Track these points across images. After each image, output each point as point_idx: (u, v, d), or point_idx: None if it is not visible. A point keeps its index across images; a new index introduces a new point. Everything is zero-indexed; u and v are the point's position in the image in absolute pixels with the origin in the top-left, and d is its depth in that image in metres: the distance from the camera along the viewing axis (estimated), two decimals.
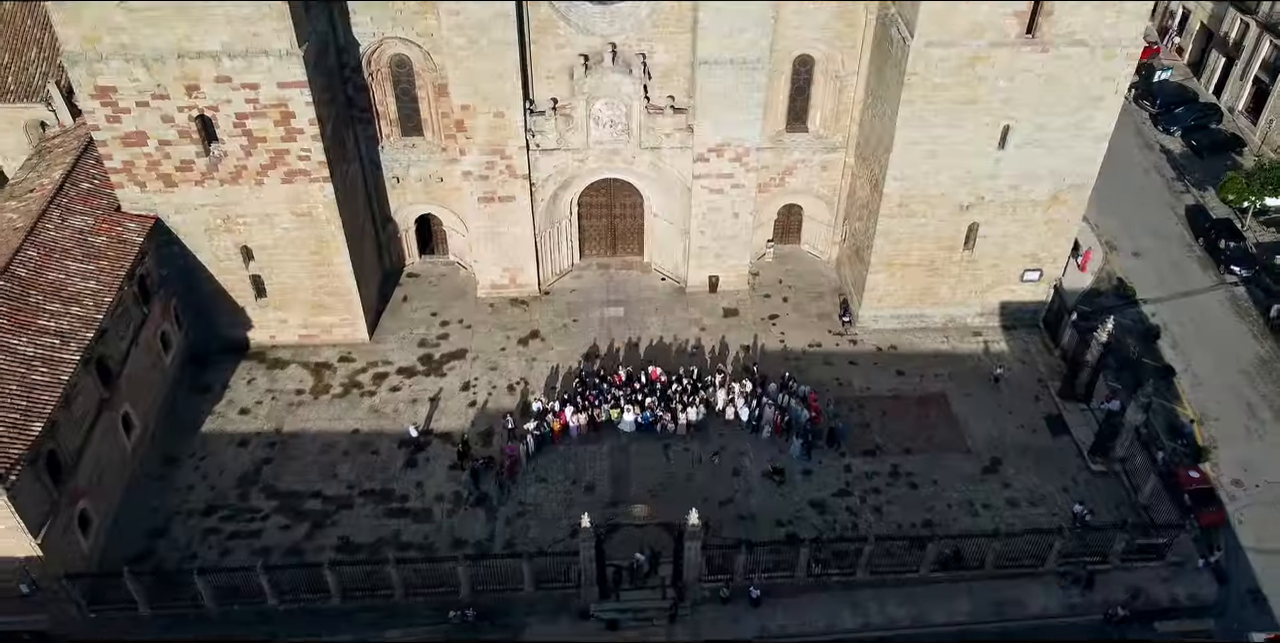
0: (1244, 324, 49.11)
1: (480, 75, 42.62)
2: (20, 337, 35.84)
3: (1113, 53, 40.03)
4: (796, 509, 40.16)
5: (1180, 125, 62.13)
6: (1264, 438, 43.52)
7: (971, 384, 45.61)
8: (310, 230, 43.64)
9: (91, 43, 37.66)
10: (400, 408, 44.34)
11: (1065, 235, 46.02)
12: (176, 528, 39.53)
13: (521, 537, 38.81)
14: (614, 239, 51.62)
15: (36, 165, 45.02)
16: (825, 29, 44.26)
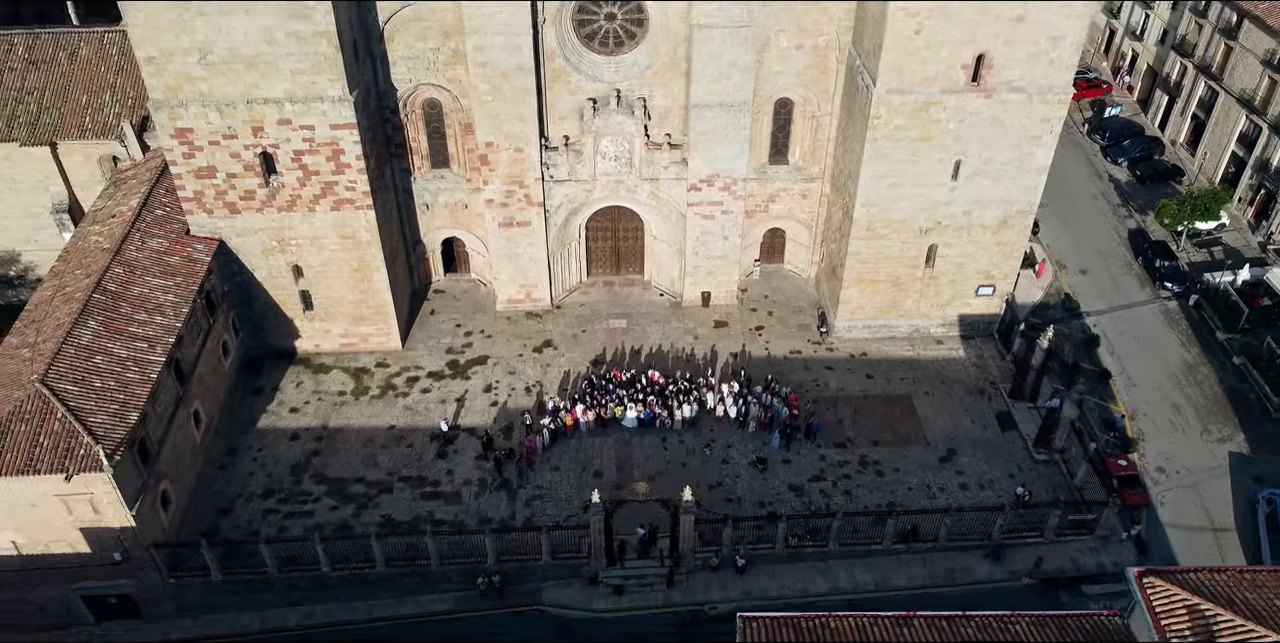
0: (1174, 334, 55.51)
1: (502, 117, 49.21)
2: (115, 341, 42.09)
3: (1047, 98, 46.56)
4: (777, 493, 46.30)
5: (1127, 156, 68.85)
6: (1186, 432, 49.77)
7: (932, 386, 51.86)
8: (353, 251, 50.04)
9: (174, 91, 44.23)
10: (431, 407, 50.54)
11: (1013, 255, 52.45)
12: (239, 509, 45.63)
13: (539, 515, 44.89)
14: (617, 259, 58.03)
15: (113, 195, 51.40)
16: (802, 76, 50.91)
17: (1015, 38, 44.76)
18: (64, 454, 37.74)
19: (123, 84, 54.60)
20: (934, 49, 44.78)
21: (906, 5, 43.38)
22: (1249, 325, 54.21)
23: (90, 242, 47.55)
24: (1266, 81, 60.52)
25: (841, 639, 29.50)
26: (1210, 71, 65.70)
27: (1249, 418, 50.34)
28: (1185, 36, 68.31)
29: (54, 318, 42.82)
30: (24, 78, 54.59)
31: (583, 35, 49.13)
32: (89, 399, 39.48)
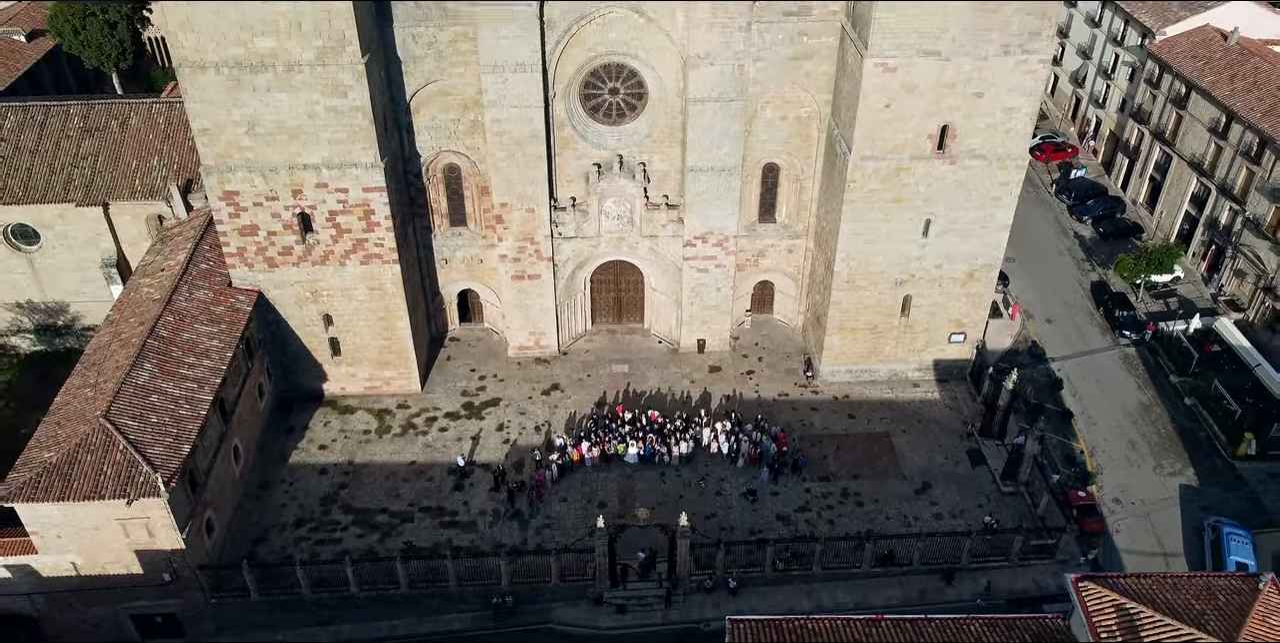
0: (1131, 377, 60.23)
1: (516, 180, 54.51)
2: (168, 382, 46.78)
3: (1005, 164, 51.84)
4: (766, 522, 50.61)
5: (1091, 215, 74.23)
6: (1141, 467, 54.25)
7: (909, 425, 56.42)
8: (380, 302, 54.96)
9: (224, 158, 49.51)
10: (448, 444, 55.05)
11: (981, 305, 57.36)
12: (274, 536, 49.91)
13: (548, 542, 49.11)
14: (619, 309, 62.91)
15: (161, 250, 56.45)
16: (787, 143, 56.34)
17: (975, 111, 50.19)
18: (125, 482, 42.18)
19: (169, 150, 59.92)
20: (903, 121, 50.20)
21: (878, 83, 48.86)
22: (1199, 370, 58.97)
23: (142, 293, 52.46)
24: (1213, 147, 66.08)
25: (818, 639, 33.75)
26: (1164, 137, 71.40)
27: (1198, 454, 54.90)
28: (1141, 105, 74.16)
29: (113, 361, 47.53)
30: (79, 144, 59.88)
31: (588, 107, 54.62)
32: (146, 433, 44.05)
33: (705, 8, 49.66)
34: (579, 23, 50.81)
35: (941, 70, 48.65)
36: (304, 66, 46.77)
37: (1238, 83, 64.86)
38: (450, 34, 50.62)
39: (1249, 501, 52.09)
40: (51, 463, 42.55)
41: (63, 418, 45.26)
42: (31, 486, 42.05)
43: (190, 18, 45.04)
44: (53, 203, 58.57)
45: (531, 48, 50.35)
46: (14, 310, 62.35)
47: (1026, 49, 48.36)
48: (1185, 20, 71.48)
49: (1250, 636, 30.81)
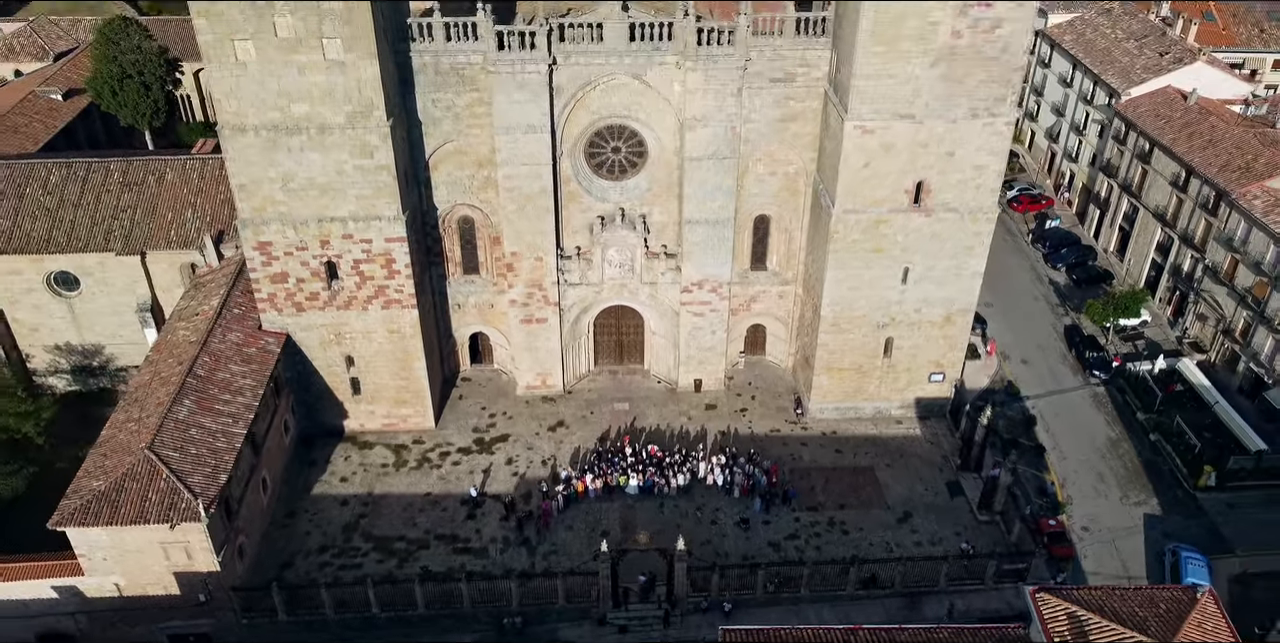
0: (1100, 415, 64.24)
1: (525, 231, 59.01)
2: (206, 417, 50.79)
3: (976, 217, 56.36)
4: (758, 548, 54.28)
5: (1064, 262, 78.78)
6: (1108, 497, 58.09)
7: (892, 459, 60.29)
8: (398, 344, 59.12)
9: (259, 211, 54.01)
10: (461, 477, 58.87)
11: (958, 347, 61.55)
12: (299, 561, 53.55)
13: (555, 566, 52.71)
14: (621, 351, 67.06)
15: (195, 296, 60.75)
16: (776, 197, 60.94)
17: (948, 169, 54.83)
18: (168, 508, 46.02)
19: (202, 203, 64.50)
20: (881, 177, 54.83)
21: (858, 143, 53.57)
22: (1163, 407, 62.97)
23: (179, 335, 56.65)
24: (1175, 199, 70.79)
25: None
26: (1131, 190, 76.17)
27: (1161, 485, 58.76)
28: (1110, 160, 79.07)
29: (155, 397, 51.58)
30: (119, 197, 64.45)
31: (593, 164, 59.29)
32: (187, 463, 47.96)
33: (700, 76, 54.55)
34: (584, 89, 55.64)
35: (915, 132, 53.38)
36: (335, 129, 51.48)
37: (1195, 140, 69.76)
38: (467, 99, 55.41)
39: (1208, 529, 55.82)
40: (100, 491, 46.40)
41: (109, 450, 49.21)
42: (82, 511, 45.89)
43: (236, 86, 49.82)
44: (94, 252, 62.92)
45: (541, 111, 55.15)
46: (53, 352, 66.38)
47: (992, 112, 53.15)
48: (1148, 82, 76.63)
49: (1185, 637, 34.56)
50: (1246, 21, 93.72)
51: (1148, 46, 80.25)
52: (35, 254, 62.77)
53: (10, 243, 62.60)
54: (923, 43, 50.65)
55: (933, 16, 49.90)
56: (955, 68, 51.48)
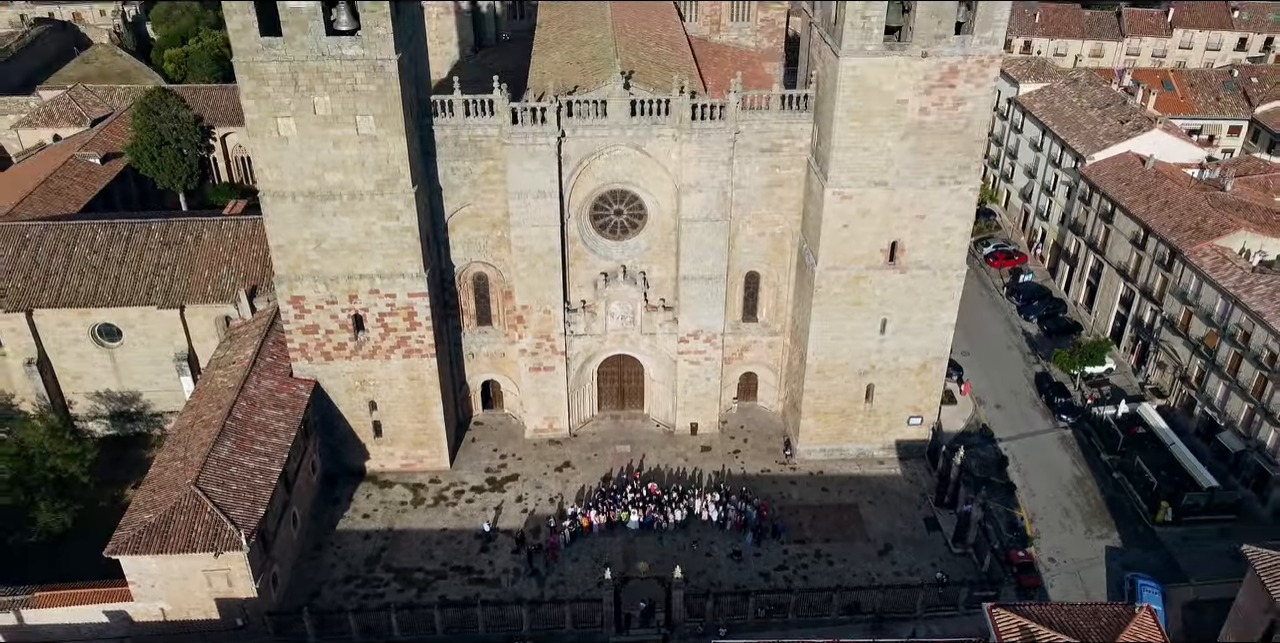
0: (1067, 455, 69.15)
1: (535, 286, 64.43)
2: (245, 456, 55.72)
3: (947, 274, 61.78)
4: (750, 578, 58.80)
5: (1036, 314, 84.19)
6: (1073, 531, 62.74)
7: (874, 496, 65.00)
8: (418, 390, 64.18)
9: (294, 269, 59.45)
10: (474, 513, 63.52)
11: (934, 393, 66.61)
12: (326, 590, 58.02)
13: (562, 595, 57.26)
14: (622, 397, 72.08)
15: (230, 346, 65.99)
16: (765, 255, 66.44)
17: (919, 230, 60.40)
18: (213, 538, 50.79)
19: (236, 260, 69.97)
20: (859, 238, 60.39)
21: (838, 208, 59.20)
22: (1125, 448, 67.88)
23: (218, 382, 61.78)
24: (1135, 256, 76.41)
25: None
26: (1096, 247, 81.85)
27: (1123, 520, 63.47)
28: (1077, 219, 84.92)
29: (198, 439, 56.55)
30: (159, 255, 69.91)
31: (597, 225, 64.89)
32: (229, 498, 52.80)
33: (694, 146, 60.45)
34: (590, 158, 61.47)
35: (889, 197, 59.07)
36: (365, 196, 57.16)
37: (1152, 201, 75.59)
38: (483, 167, 61.19)
39: (1165, 560, 60.41)
40: (151, 522, 51.21)
41: (158, 486, 54.10)
42: (135, 541, 50.68)
43: (277, 158, 55.61)
44: (136, 306, 68.16)
45: (550, 178, 60.91)
46: (93, 398, 71.30)
47: (958, 180, 58.90)
48: (1110, 147, 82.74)
49: None
50: (1203, 90, 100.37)
51: (1110, 114, 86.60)
52: (82, 308, 68.00)
53: (60, 297, 67.90)
54: (893, 119, 56.57)
55: (902, 95, 55.87)
56: (923, 141, 57.34)
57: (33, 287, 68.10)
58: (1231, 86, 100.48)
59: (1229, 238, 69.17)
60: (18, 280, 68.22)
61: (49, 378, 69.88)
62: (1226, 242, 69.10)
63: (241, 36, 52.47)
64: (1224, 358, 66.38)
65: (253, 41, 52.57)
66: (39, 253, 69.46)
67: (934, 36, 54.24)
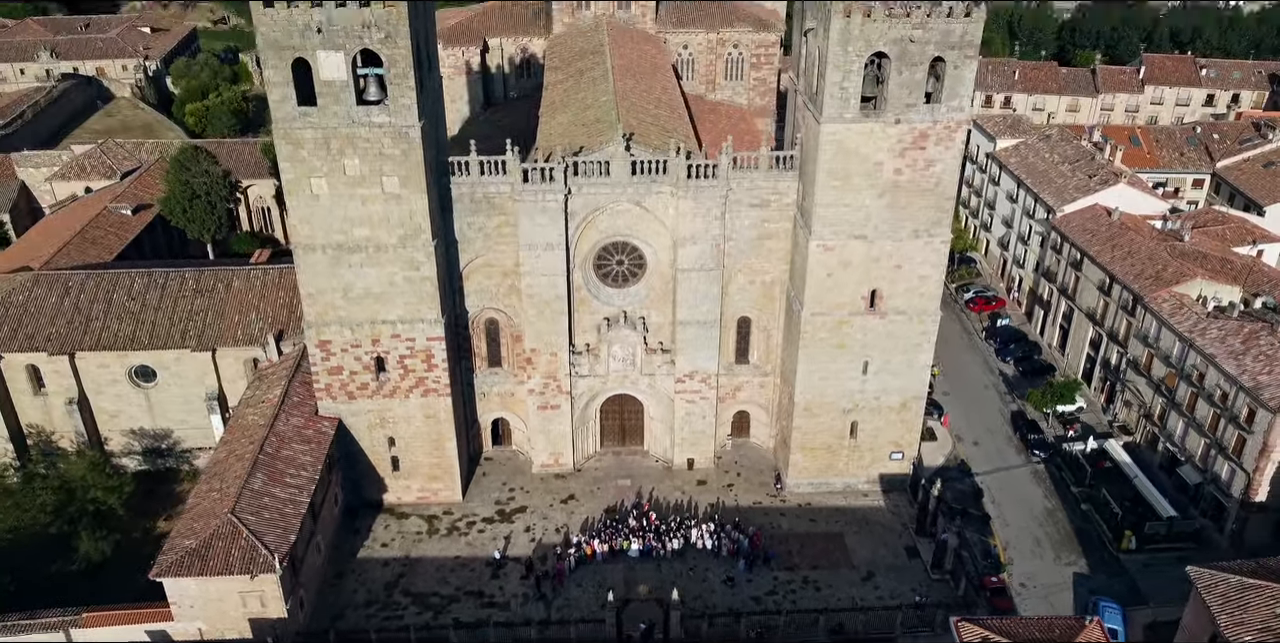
0: (1039, 488, 73.91)
1: (543, 331, 69.62)
2: (276, 488, 60.48)
3: (922, 319, 67.03)
4: (742, 602, 63.22)
5: (1013, 356, 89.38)
6: (1044, 558, 67.35)
7: (859, 527, 69.61)
8: (433, 428, 69.09)
9: (322, 316, 64.66)
10: (486, 542, 68.05)
11: (914, 429, 71.52)
12: (349, 614, 62.39)
13: (568, 617, 61.69)
14: (623, 433, 76.95)
15: (259, 386, 70.96)
16: (755, 302, 71.71)
17: (897, 279, 65.73)
18: (248, 562, 55.36)
19: (264, 306, 75.17)
20: (842, 286, 65.69)
21: (821, 259, 64.59)
22: (1093, 482, 72.69)
23: (249, 420, 66.69)
24: (1102, 302, 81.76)
25: None
26: (1067, 293, 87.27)
27: (1090, 548, 68.09)
28: (1049, 267, 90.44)
29: (233, 472, 61.31)
30: (193, 302, 75.13)
31: (600, 274, 70.22)
32: (262, 525, 57.44)
33: (690, 202, 66.00)
34: (594, 213, 66.98)
35: (868, 249, 64.49)
36: (389, 248, 62.55)
37: (1117, 251, 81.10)
38: (496, 221, 66.69)
39: (1128, 585, 64.91)
40: (191, 548, 55.83)
41: (196, 515, 58.79)
42: (178, 564, 55.27)
43: (310, 214, 61.10)
44: (171, 349, 73.26)
45: (558, 231, 66.38)
46: (128, 435, 76.08)
47: (931, 233, 64.36)
48: (1079, 200, 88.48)
49: None
50: (1168, 146, 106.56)
51: (1079, 169, 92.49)
52: (121, 351, 73.08)
53: (100, 341, 73.01)
54: (870, 178, 62.20)
55: (877, 158, 61.57)
56: (898, 198, 62.92)
57: (75, 331, 73.24)
58: (1194, 142, 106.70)
59: (1186, 285, 74.54)
60: (61, 325, 73.40)
61: (87, 416, 74.73)
62: (1184, 289, 74.45)
63: (280, 106, 58.22)
64: (1182, 397, 71.42)
65: (290, 111, 58.33)
66: (80, 299, 74.72)
67: (905, 105, 60.05)
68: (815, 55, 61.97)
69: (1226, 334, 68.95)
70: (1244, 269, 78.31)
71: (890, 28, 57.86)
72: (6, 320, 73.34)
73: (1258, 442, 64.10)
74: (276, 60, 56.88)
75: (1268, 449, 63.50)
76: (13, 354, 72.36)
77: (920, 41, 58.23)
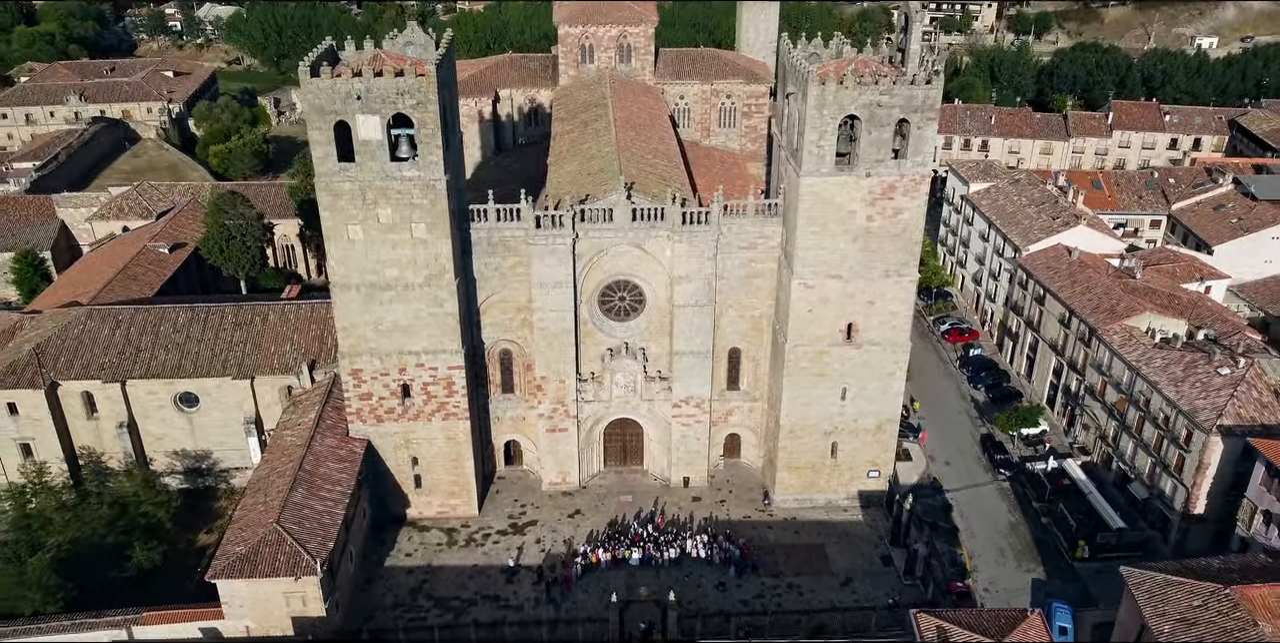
0: (1004, 503, 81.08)
1: (552, 360, 77.05)
2: (314, 501, 67.59)
3: (894, 350, 74.47)
4: (732, 604, 70.15)
5: (984, 384, 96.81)
6: (1006, 566, 74.39)
7: (839, 538, 76.63)
8: (452, 448, 76.32)
9: (355, 347, 72.08)
10: (500, 552, 75.01)
11: (889, 450, 78.79)
12: (379, 615, 69.29)
13: (576, 618, 68.58)
14: (625, 454, 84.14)
15: (294, 411, 78.23)
16: (745, 334, 79.19)
17: (871, 314, 73.24)
18: (293, 566, 62.41)
19: (298, 338, 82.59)
20: (821, 320, 73.18)
21: (802, 296, 72.12)
22: (1053, 497, 79.86)
23: (287, 441, 73.94)
24: (1062, 334, 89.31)
25: None
26: (1033, 325, 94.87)
27: (1047, 557, 75.16)
28: (1017, 301, 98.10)
29: (275, 486, 68.45)
30: (232, 334, 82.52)
31: (604, 309, 77.71)
32: (304, 534, 64.52)
33: (684, 245, 73.64)
34: (598, 254, 74.62)
35: (844, 287, 72.04)
36: (415, 287, 70.10)
37: (1075, 287, 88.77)
38: (511, 262, 74.33)
39: (1081, 590, 71.87)
40: (242, 553, 62.90)
41: (244, 525, 65.88)
42: (230, 568, 62.33)
43: (346, 256, 68.71)
44: (213, 377, 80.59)
45: (566, 271, 73.98)
46: (170, 456, 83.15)
47: (900, 273, 71.97)
48: (1043, 240, 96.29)
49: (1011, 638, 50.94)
50: (1128, 189, 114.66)
51: (1044, 211, 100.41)
52: (168, 379, 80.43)
53: (149, 370, 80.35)
54: (845, 225, 69.91)
55: (851, 207, 69.31)
56: (870, 242, 70.60)
57: (126, 361, 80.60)
58: (1152, 186, 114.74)
59: (1136, 319, 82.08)
60: (113, 356, 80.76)
61: (135, 439, 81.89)
62: (1134, 322, 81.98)
63: (323, 162, 66.04)
64: (1132, 420, 78.76)
65: (331, 166, 66.14)
66: (130, 332, 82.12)
67: (875, 161, 67.89)
68: (795, 116, 69.93)
69: (1169, 363, 76.42)
70: (1190, 304, 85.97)
71: (860, 94, 65.81)
72: (64, 351, 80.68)
73: (1195, 460, 71.38)
74: (320, 122, 64.76)
75: (1203, 466, 70.77)
76: (69, 382, 79.60)
77: (887, 106, 66.16)
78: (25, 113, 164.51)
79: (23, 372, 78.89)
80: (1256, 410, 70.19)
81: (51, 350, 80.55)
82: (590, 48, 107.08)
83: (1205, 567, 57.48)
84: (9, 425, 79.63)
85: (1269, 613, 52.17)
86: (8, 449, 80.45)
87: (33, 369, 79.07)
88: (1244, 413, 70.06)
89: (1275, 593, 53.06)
